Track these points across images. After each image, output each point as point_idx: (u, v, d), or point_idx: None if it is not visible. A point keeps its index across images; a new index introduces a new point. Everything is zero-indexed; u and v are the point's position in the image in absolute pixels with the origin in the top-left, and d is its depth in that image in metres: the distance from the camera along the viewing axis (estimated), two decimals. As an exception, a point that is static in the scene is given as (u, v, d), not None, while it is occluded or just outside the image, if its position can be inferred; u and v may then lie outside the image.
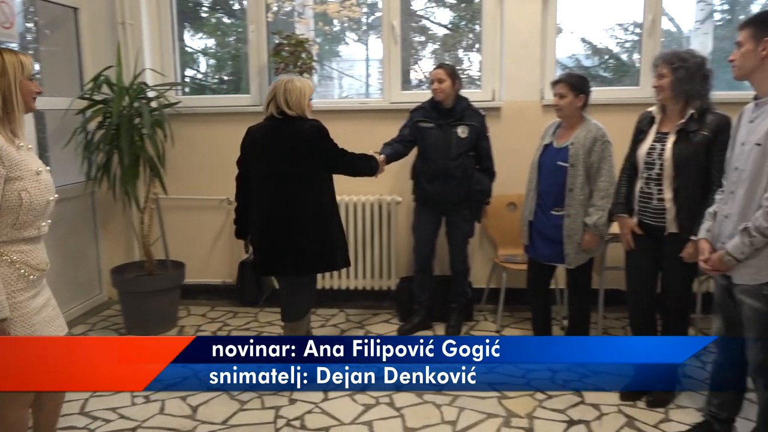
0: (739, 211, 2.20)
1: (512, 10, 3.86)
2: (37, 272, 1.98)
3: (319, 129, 2.98)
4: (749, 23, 2.17)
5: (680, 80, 2.63)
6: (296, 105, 2.95)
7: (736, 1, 6.72)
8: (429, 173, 3.57)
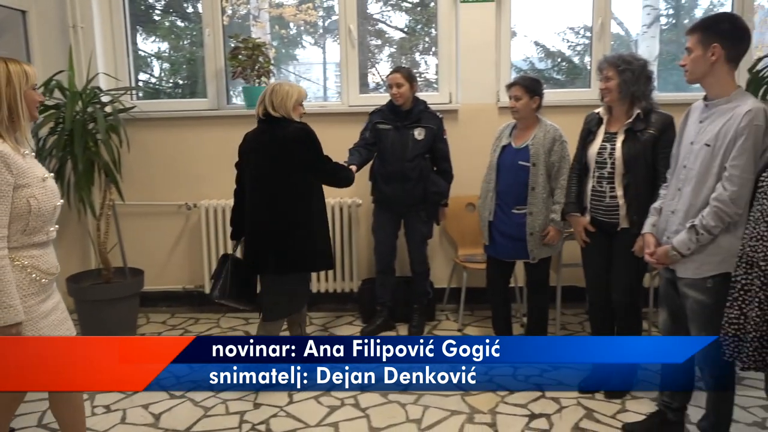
0: (685, 207, 2.29)
1: (466, 14, 3.93)
2: (48, 276, 2.04)
3: (305, 131, 3.00)
4: (696, 29, 2.25)
5: (626, 82, 2.73)
6: (280, 106, 2.99)
7: (681, 6, 6.99)
8: (386, 175, 3.62)
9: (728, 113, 2.17)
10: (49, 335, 1.96)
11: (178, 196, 4.12)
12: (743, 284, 1.87)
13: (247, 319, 4.09)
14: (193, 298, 4.22)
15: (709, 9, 4.57)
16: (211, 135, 4.10)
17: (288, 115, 3.00)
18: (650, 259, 2.43)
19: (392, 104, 3.63)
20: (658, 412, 2.67)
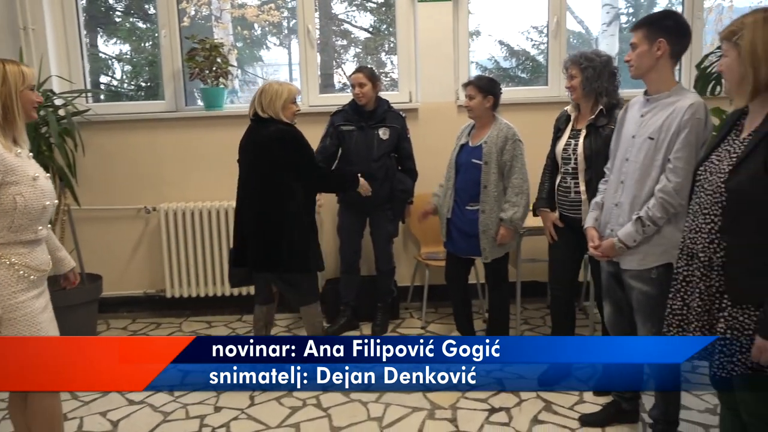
0: (630, 200, 2.34)
1: (424, 14, 3.95)
2: (38, 273, 2.07)
3: (286, 132, 2.99)
4: (642, 25, 2.31)
5: (589, 79, 2.78)
6: (269, 106, 2.99)
7: (640, 4, 7.13)
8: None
9: (670, 107, 2.23)
10: (47, 330, 2.04)
11: (137, 200, 4.06)
12: (685, 276, 1.91)
13: (210, 322, 4.05)
14: (155, 303, 4.16)
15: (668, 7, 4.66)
16: (170, 137, 4.06)
17: (276, 115, 2.99)
18: (595, 253, 2.47)
19: (355, 104, 3.64)
20: (613, 402, 2.73)
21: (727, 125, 1.86)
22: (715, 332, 1.79)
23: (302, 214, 3.05)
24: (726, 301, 1.76)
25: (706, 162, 1.85)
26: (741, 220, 1.70)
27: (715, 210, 1.78)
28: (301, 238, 3.04)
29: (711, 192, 1.79)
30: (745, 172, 1.69)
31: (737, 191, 1.70)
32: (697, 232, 1.85)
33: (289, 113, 3.03)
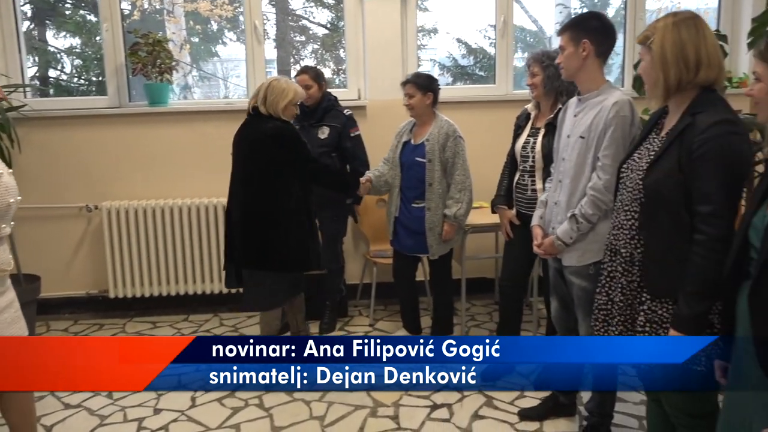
0: (566, 198, 2.38)
1: (371, 11, 3.94)
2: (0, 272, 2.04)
3: (281, 129, 2.94)
4: (566, 28, 2.35)
5: (550, 77, 2.81)
6: (271, 104, 2.94)
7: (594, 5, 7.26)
8: None
9: (598, 106, 2.27)
10: (2, 332, 2.00)
11: (79, 198, 3.96)
12: (609, 271, 1.96)
13: (155, 323, 3.98)
14: (98, 304, 4.07)
15: (620, 9, 4.74)
16: (113, 134, 3.96)
17: (276, 113, 2.95)
18: (538, 250, 2.51)
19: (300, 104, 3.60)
20: (551, 396, 2.77)
21: (650, 124, 1.91)
22: (636, 326, 1.83)
23: (299, 212, 3.00)
24: (646, 295, 1.81)
25: (629, 160, 1.89)
26: (656, 216, 1.75)
27: (635, 207, 1.82)
28: (298, 236, 3.00)
29: (631, 189, 1.84)
30: (660, 170, 1.73)
31: (653, 188, 1.75)
32: (620, 229, 1.89)
33: (289, 114, 3.00)
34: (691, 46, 1.71)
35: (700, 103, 1.71)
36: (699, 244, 1.65)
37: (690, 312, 1.65)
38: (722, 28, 4.13)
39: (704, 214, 1.65)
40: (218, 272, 3.98)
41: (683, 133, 1.70)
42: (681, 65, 1.71)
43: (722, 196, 1.64)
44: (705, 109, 1.69)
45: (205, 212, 3.93)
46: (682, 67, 1.71)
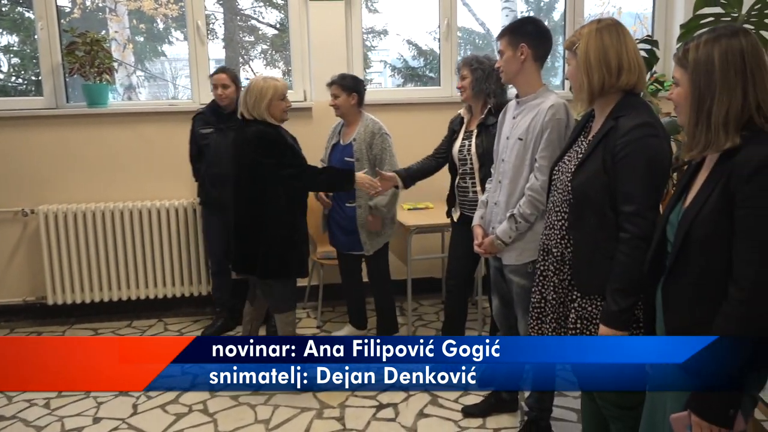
0: (505, 198, 2.43)
1: (316, 12, 3.93)
2: None
3: (260, 133, 2.84)
4: (505, 33, 2.41)
5: (478, 80, 2.88)
6: (254, 107, 2.85)
7: (540, 8, 7.42)
8: (212, 177, 3.54)
9: (535, 109, 2.33)
10: None
11: (14, 202, 3.83)
12: (542, 270, 2.01)
13: (96, 329, 3.87)
14: (36, 311, 3.94)
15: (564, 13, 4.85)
16: (50, 136, 3.84)
17: (261, 116, 2.85)
18: (479, 250, 2.55)
19: (215, 106, 3.58)
20: (493, 393, 2.83)
21: (579, 127, 1.97)
22: (568, 323, 1.89)
23: (283, 217, 2.91)
24: (576, 293, 1.87)
25: (560, 162, 1.95)
26: (584, 216, 1.81)
27: (564, 207, 1.88)
28: (280, 243, 2.90)
29: (561, 190, 1.90)
30: (586, 172, 1.79)
31: (580, 190, 1.81)
32: (551, 229, 1.95)
33: (278, 111, 2.90)
34: (613, 51, 1.77)
35: (623, 107, 1.78)
36: (623, 242, 1.71)
37: (617, 308, 1.72)
38: (656, 33, 4.28)
39: (628, 213, 1.71)
40: (162, 276, 3.92)
41: (607, 136, 1.76)
42: (603, 70, 1.77)
43: (644, 196, 1.70)
44: (627, 113, 1.75)
45: (148, 216, 3.85)
46: (605, 71, 1.77)
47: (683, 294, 1.43)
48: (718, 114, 1.34)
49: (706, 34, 1.40)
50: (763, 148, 1.31)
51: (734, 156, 1.34)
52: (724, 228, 1.34)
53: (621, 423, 1.92)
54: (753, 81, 1.34)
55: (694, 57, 1.38)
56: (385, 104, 3.95)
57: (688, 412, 1.36)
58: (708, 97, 1.36)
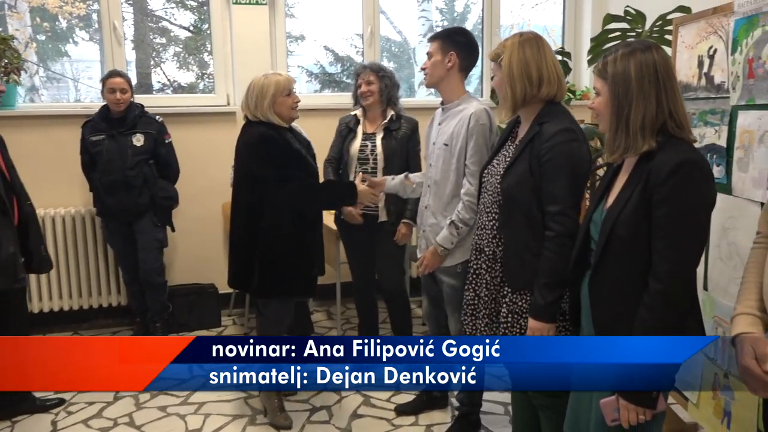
0: (434, 202, 2.52)
1: (239, 16, 3.90)
2: None
3: (255, 137, 2.56)
4: (438, 37, 2.50)
5: (387, 86, 3.03)
6: (256, 108, 2.58)
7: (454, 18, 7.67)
8: (107, 185, 3.45)
9: (459, 115, 2.44)
10: None
11: None
12: (475, 269, 2.11)
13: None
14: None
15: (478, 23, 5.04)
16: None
17: (265, 117, 2.56)
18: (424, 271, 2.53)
19: (103, 112, 3.48)
20: (424, 391, 2.91)
21: (505, 133, 2.09)
22: (500, 317, 2.00)
23: (284, 230, 2.57)
24: (507, 289, 1.97)
25: (489, 166, 2.06)
26: (513, 216, 1.92)
27: (495, 209, 1.99)
28: (279, 259, 2.58)
29: (491, 192, 2.00)
30: (514, 174, 1.91)
31: (509, 192, 1.93)
32: (483, 229, 2.05)
33: (284, 109, 2.59)
34: (534, 64, 1.90)
35: (546, 114, 1.91)
36: (549, 239, 1.83)
37: (544, 302, 1.83)
38: (566, 45, 4.55)
39: (553, 213, 1.83)
40: (73, 287, 3.75)
41: (532, 141, 1.89)
42: (525, 81, 1.90)
43: (567, 196, 1.82)
44: (550, 119, 1.89)
45: (62, 223, 3.68)
46: (527, 83, 1.90)
47: (608, 289, 1.55)
48: (636, 120, 1.47)
49: (622, 49, 1.53)
50: (677, 153, 1.44)
51: (651, 160, 1.46)
52: (644, 227, 1.46)
53: (550, 411, 2.05)
54: (665, 90, 1.48)
55: (613, 70, 1.50)
56: (303, 109, 3.94)
57: (616, 396, 1.48)
58: (626, 105, 1.48)
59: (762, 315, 1.32)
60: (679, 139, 1.48)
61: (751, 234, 1.92)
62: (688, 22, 2.33)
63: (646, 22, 3.07)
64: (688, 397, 2.34)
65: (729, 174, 2.07)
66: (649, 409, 1.45)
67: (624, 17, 3.13)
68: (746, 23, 1.98)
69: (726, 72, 2.08)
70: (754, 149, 1.94)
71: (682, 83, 2.34)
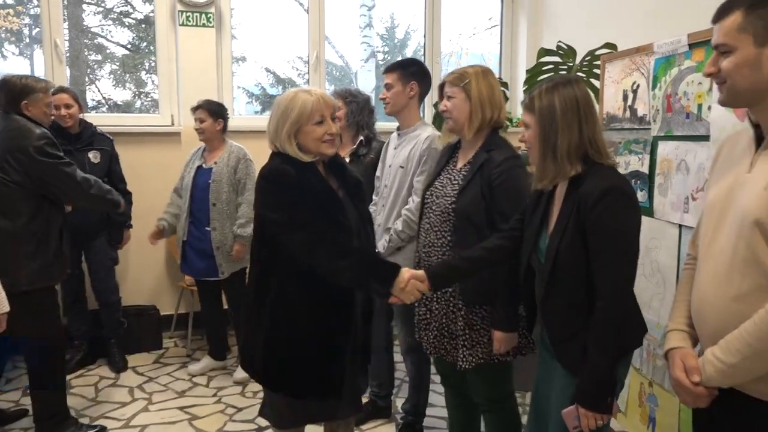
0: (384, 221, 2.65)
1: (186, 38, 3.91)
2: None
3: (266, 172, 1.88)
4: (396, 68, 2.65)
5: (353, 112, 3.05)
6: (275, 134, 1.88)
7: (395, 45, 7.89)
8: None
9: (414, 140, 2.60)
10: None
11: None
12: (426, 284, 2.21)
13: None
14: None
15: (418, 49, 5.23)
16: None
17: (283, 148, 1.86)
18: None
19: (55, 129, 3.36)
20: (370, 401, 2.98)
21: (444, 157, 2.26)
22: (456, 330, 2.11)
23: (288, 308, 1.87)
24: (461, 303, 2.08)
25: (431, 187, 2.20)
26: (466, 235, 2.05)
27: (446, 227, 2.11)
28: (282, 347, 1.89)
29: (440, 213, 2.13)
30: (467, 197, 2.05)
31: (462, 212, 2.06)
32: (431, 247, 2.17)
33: (309, 140, 1.87)
34: (497, 92, 2.10)
35: (491, 143, 2.09)
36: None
37: (504, 313, 1.97)
38: (503, 75, 4.79)
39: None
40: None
41: (482, 167, 2.04)
42: (491, 106, 2.07)
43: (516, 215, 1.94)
44: (496, 147, 2.06)
45: None
46: (493, 107, 2.07)
47: (559, 311, 1.66)
48: (562, 148, 1.60)
49: (546, 84, 1.67)
50: (601, 180, 1.58)
51: (579, 186, 1.59)
52: (583, 252, 1.58)
53: (494, 415, 2.20)
54: (585, 120, 1.62)
55: (539, 104, 1.64)
56: (244, 131, 4.01)
57: (575, 406, 1.59)
58: (553, 135, 1.61)
59: (691, 330, 1.43)
60: (599, 164, 1.62)
61: (671, 253, 2.13)
62: (614, 59, 2.55)
63: (577, 57, 3.31)
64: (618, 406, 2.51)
65: (651, 198, 2.26)
66: (606, 414, 1.58)
67: (556, 51, 3.36)
68: (665, 62, 2.20)
69: (647, 105, 2.29)
70: (672, 176, 2.14)
71: (610, 114, 2.55)
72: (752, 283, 1.20)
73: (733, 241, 1.22)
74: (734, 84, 1.23)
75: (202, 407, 3.09)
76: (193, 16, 3.89)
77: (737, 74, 1.21)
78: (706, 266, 1.31)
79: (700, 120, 2.02)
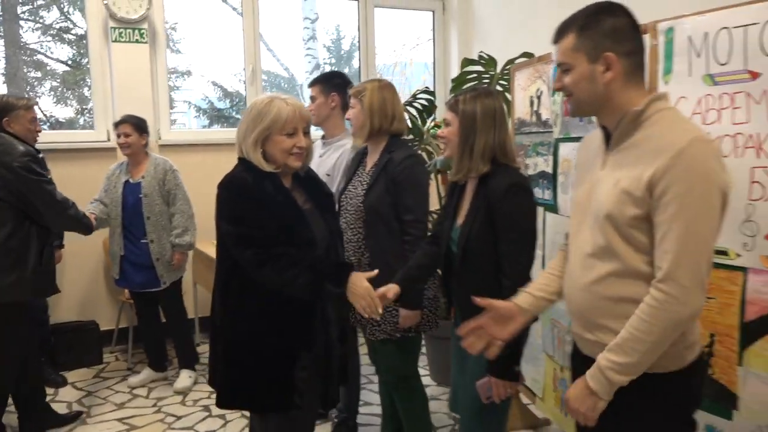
0: None
1: (119, 54, 3.94)
2: None
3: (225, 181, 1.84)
4: (318, 82, 2.81)
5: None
6: (243, 137, 1.82)
7: (341, 56, 8.02)
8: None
9: (341, 148, 2.75)
10: None
11: None
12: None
13: None
14: None
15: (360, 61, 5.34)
16: None
17: (247, 155, 1.80)
18: None
19: None
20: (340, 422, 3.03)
21: (356, 161, 2.48)
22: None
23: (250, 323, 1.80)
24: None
25: (346, 191, 2.41)
26: (377, 228, 2.27)
27: (359, 224, 2.34)
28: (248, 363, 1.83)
29: (354, 211, 2.35)
30: (375, 194, 2.27)
31: (371, 208, 2.28)
32: (348, 243, 2.34)
33: (277, 151, 1.81)
34: (390, 104, 2.31)
35: (393, 145, 2.31)
36: (408, 243, 2.21)
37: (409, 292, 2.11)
38: (437, 83, 4.99)
39: (409, 221, 2.23)
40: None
41: (386, 166, 2.25)
42: (382, 116, 2.29)
43: (418, 206, 2.24)
44: (397, 149, 2.28)
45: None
46: (383, 117, 2.29)
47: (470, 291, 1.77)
48: (478, 148, 1.84)
49: (470, 92, 1.90)
50: (505, 177, 1.82)
51: (488, 183, 1.83)
52: (490, 238, 1.82)
53: (401, 394, 2.38)
54: (499, 128, 1.87)
55: (463, 108, 1.87)
56: (191, 144, 4.06)
57: (488, 378, 1.80)
58: (472, 136, 1.85)
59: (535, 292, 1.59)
60: (505, 165, 1.86)
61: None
62: (522, 67, 2.72)
63: (498, 66, 3.49)
64: (536, 393, 2.66)
65: (555, 196, 2.43)
66: (515, 382, 1.79)
67: (479, 61, 3.53)
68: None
69: (549, 110, 2.46)
70: (572, 175, 2.31)
71: (520, 119, 2.72)
72: (609, 268, 1.35)
73: (593, 233, 1.38)
74: (578, 97, 1.40)
75: (142, 417, 3.12)
76: (125, 32, 3.93)
77: (577, 88, 1.38)
78: (573, 255, 1.47)
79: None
